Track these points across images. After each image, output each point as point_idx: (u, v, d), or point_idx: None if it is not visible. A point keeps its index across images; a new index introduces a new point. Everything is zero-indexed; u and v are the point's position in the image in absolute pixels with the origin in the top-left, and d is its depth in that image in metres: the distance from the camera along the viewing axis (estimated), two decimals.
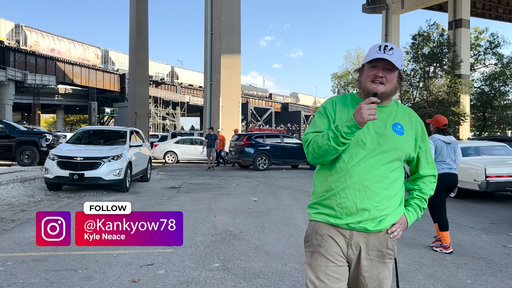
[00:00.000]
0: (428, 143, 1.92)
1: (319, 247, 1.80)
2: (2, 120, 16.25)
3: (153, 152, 17.31)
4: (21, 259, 4.25)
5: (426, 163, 1.91)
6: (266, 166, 15.97)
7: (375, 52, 1.76)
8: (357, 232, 1.77)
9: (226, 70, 22.51)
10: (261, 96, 64.05)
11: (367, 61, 1.78)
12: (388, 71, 1.76)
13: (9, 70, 35.37)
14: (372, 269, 1.79)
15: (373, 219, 1.75)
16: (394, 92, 1.83)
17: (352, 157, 1.75)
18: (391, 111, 1.84)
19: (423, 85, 23.74)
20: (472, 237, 5.42)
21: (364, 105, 1.63)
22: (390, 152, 1.77)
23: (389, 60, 1.73)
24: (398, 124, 1.81)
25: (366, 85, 1.78)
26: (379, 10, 31.48)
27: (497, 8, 34.14)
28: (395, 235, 1.82)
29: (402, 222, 1.84)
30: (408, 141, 1.82)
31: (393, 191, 1.78)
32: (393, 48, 1.76)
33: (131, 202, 7.43)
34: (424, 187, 1.91)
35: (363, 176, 1.73)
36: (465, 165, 8.62)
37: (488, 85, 33.02)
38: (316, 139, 1.76)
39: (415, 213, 1.89)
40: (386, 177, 1.76)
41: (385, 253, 1.80)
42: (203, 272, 3.92)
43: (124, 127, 11.70)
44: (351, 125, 1.65)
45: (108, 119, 50.46)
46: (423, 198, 1.91)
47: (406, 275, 3.90)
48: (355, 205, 1.74)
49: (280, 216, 6.70)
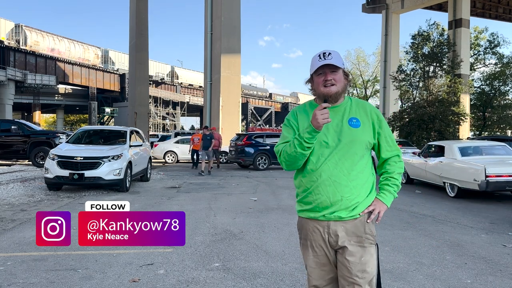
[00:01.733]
0: (386, 128, 2.09)
1: (305, 240, 2.08)
2: (15, 120, 16.20)
3: (153, 152, 17.31)
4: (21, 259, 4.25)
5: (387, 146, 2.09)
6: (266, 166, 15.97)
7: (317, 61, 1.98)
8: (334, 221, 1.99)
9: (226, 70, 22.51)
10: (261, 96, 64.04)
11: (313, 71, 2.00)
12: (333, 73, 1.98)
13: (9, 70, 35.35)
14: (355, 253, 1.97)
15: (346, 208, 1.96)
16: (346, 88, 2.04)
17: (319, 157, 1.98)
18: (345, 108, 2.04)
19: (423, 85, 23.72)
20: (472, 237, 5.42)
21: (317, 112, 1.85)
22: (350, 145, 1.97)
23: (331, 63, 1.95)
24: (353, 119, 2.01)
25: (320, 90, 1.99)
26: (379, 10, 31.49)
27: (497, 8, 34.14)
28: (373, 217, 2.01)
29: (376, 204, 2.02)
30: (365, 131, 2.01)
31: (361, 180, 1.98)
32: (331, 53, 1.98)
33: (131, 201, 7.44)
34: (389, 168, 2.10)
35: (331, 173, 1.96)
36: (465, 164, 8.63)
37: (488, 85, 33.03)
38: (285, 149, 2.01)
39: (388, 193, 2.07)
40: (352, 169, 1.96)
41: (364, 238, 2.00)
42: (203, 272, 3.92)
43: (124, 127, 11.70)
44: (310, 130, 1.88)
45: (108, 119, 50.44)
46: (391, 177, 2.09)
47: (406, 275, 3.90)
48: (328, 200, 1.96)
49: (280, 216, 6.70)
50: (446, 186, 9.16)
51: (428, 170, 9.95)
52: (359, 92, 49.38)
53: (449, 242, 5.11)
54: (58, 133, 15.46)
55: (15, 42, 40.08)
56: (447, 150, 9.55)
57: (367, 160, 2.03)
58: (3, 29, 39.90)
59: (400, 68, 24.73)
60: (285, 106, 64.83)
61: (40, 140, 14.33)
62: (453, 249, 4.81)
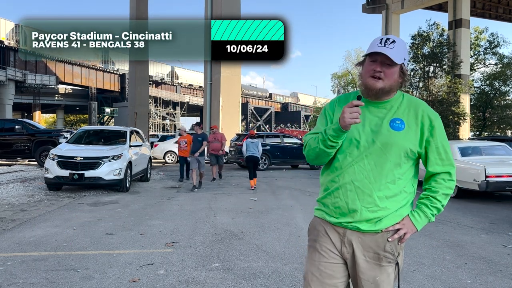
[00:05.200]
0: (440, 137, 1.75)
1: (314, 242, 1.82)
2: (19, 120, 16.25)
3: (153, 152, 17.30)
4: (21, 259, 4.25)
5: (437, 158, 1.75)
6: (266, 166, 15.97)
7: (375, 45, 1.69)
8: (351, 230, 1.74)
9: (226, 70, 22.51)
10: (261, 96, 64.03)
11: (367, 53, 1.72)
12: (387, 66, 1.68)
13: (9, 70, 35.35)
14: (368, 271, 1.73)
15: (367, 220, 1.70)
16: (396, 87, 1.74)
17: (346, 156, 1.72)
18: (393, 106, 1.75)
19: (423, 85, 23.72)
20: (472, 237, 5.42)
21: (346, 109, 1.61)
22: (385, 150, 1.69)
23: (387, 55, 1.65)
24: (397, 119, 1.72)
25: (366, 80, 1.72)
26: (379, 10, 31.46)
27: (497, 8, 34.12)
28: (396, 237, 1.71)
29: (405, 224, 1.72)
30: (409, 136, 1.71)
31: (390, 192, 1.70)
32: (395, 41, 1.68)
33: (131, 202, 7.41)
34: (435, 185, 1.76)
35: (355, 177, 1.70)
36: (465, 165, 8.62)
37: (488, 85, 33.01)
38: (310, 142, 1.77)
39: (423, 215, 1.75)
40: (381, 177, 1.69)
41: (382, 255, 1.72)
42: (203, 272, 3.92)
43: (124, 127, 11.70)
44: (336, 128, 1.64)
45: (108, 119, 50.44)
46: (433, 197, 1.75)
47: (406, 275, 3.90)
48: (346, 206, 1.71)
49: (280, 216, 6.70)
50: None
51: None
52: None
53: (449, 242, 5.11)
54: (62, 131, 15.50)
55: (15, 42, 40.06)
56: None
57: (405, 170, 1.73)
58: (3, 29, 39.90)
59: None
60: (285, 106, 64.83)
61: (44, 139, 14.39)
62: (453, 249, 4.81)
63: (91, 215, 6.65)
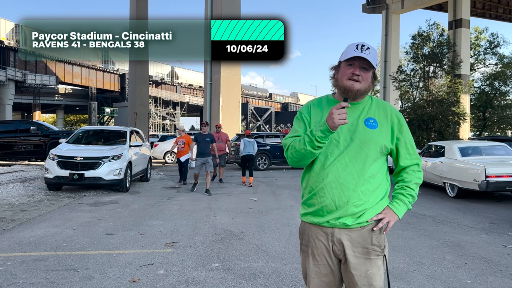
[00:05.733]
0: (408, 134, 1.93)
1: (307, 247, 1.93)
2: (34, 121, 16.56)
3: (153, 152, 17.30)
4: (21, 259, 4.25)
5: (406, 153, 1.92)
6: (266, 166, 15.98)
7: (352, 51, 1.80)
8: (338, 229, 1.84)
9: (226, 70, 22.50)
10: (261, 96, 64.02)
11: (345, 59, 1.83)
12: (364, 70, 1.82)
13: (9, 70, 35.35)
14: (360, 266, 1.82)
15: (352, 215, 1.81)
16: (368, 90, 1.88)
17: (328, 156, 1.83)
18: (364, 107, 1.89)
19: (423, 85, 23.69)
20: (472, 237, 5.42)
21: (335, 110, 1.69)
22: (363, 146, 1.82)
23: (366, 58, 1.78)
24: (370, 119, 1.86)
25: (343, 83, 1.84)
26: (379, 10, 31.46)
27: (497, 8, 34.11)
28: (380, 226, 1.84)
29: (387, 213, 1.85)
30: (382, 133, 1.86)
31: (371, 186, 1.82)
32: (370, 48, 1.81)
33: (131, 202, 7.40)
34: (407, 176, 1.93)
35: (339, 174, 1.81)
36: (465, 165, 8.63)
37: (488, 85, 33.02)
38: (293, 144, 1.86)
39: (402, 203, 1.89)
40: (362, 173, 1.81)
41: (370, 249, 1.83)
42: (203, 272, 3.92)
43: (124, 127, 11.69)
44: (324, 129, 1.73)
45: (108, 119, 50.43)
46: (407, 187, 1.91)
47: (406, 275, 3.90)
48: (334, 203, 1.81)
49: (280, 216, 6.70)
50: (446, 186, 9.16)
51: (428, 170, 9.94)
52: None
53: (449, 242, 5.11)
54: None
55: (15, 42, 40.07)
56: (447, 150, 9.55)
57: (381, 165, 1.87)
58: (3, 29, 39.89)
59: (400, 68, 24.71)
60: (285, 106, 64.81)
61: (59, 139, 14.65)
62: (453, 249, 4.81)
63: (91, 215, 6.65)
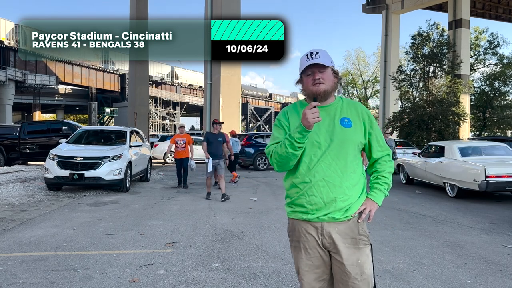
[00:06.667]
0: (377, 128, 2.08)
1: (298, 242, 2.03)
2: (65, 121, 16.60)
3: (153, 152, 17.31)
4: (21, 259, 4.25)
5: (378, 146, 2.07)
6: (266, 166, 15.98)
7: (305, 61, 1.98)
8: (327, 223, 1.95)
9: (226, 70, 22.50)
10: (261, 96, 64.02)
11: (302, 71, 2.00)
12: (322, 72, 1.97)
13: (9, 70, 35.35)
14: (351, 256, 1.94)
15: (340, 209, 1.93)
16: (335, 87, 2.04)
17: (312, 158, 1.95)
18: (337, 108, 2.03)
19: (423, 85, 23.70)
20: (472, 237, 5.42)
21: (307, 111, 1.82)
22: (343, 145, 1.95)
23: (318, 63, 1.95)
24: (345, 118, 2.00)
25: (310, 89, 1.99)
26: (379, 10, 31.45)
27: (497, 8, 34.11)
28: (364, 217, 1.97)
29: (367, 203, 1.99)
30: (357, 131, 2.00)
31: (353, 181, 1.97)
32: (318, 52, 1.98)
33: (131, 202, 7.40)
34: (380, 167, 2.08)
35: (324, 173, 1.93)
36: (465, 165, 8.63)
37: (488, 85, 33.03)
38: (276, 150, 1.97)
39: (379, 191, 2.05)
40: (345, 169, 1.95)
41: (358, 239, 1.97)
42: (203, 272, 3.92)
43: (124, 127, 11.70)
44: (301, 130, 1.85)
45: (108, 119, 50.42)
46: (382, 176, 2.07)
47: (406, 275, 3.90)
48: (322, 201, 1.93)
49: (280, 216, 6.70)
50: (446, 187, 9.16)
51: (428, 171, 9.95)
52: (359, 92, 49.36)
53: (449, 242, 5.11)
54: None
55: (15, 42, 40.06)
56: (447, 151, 9.55)
57: (358, 160, 2.02)
58: (3, 29, 39.88)
59: (400, 68, 24.71)
60: (285, 106, 64.78)
61: None
62: (453, 249, 4.81)
63: (91, 215, 6.65)
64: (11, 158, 14.96)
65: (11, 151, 14.82)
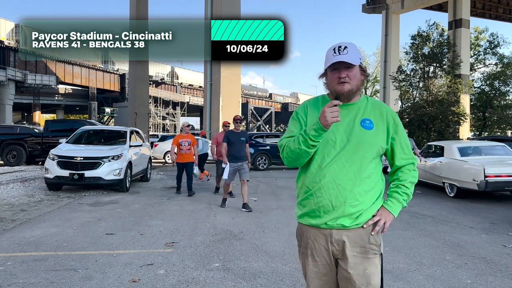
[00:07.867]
0: (403, 134, 1.93)
1: (306, 249, 1.93)
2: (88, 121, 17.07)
3: (153, 152, 17.30)
4: (21, 259, 4.25)
5: (402, 153, 1.93)
6: (266, 166, 15.98)
7: (331, 56, 1.83)
8: (336, 230, 1.84)
9: (226, 70, 22.51)
10: (261, 96, 64.01)
11: (327, 66, 1.86)
12: (349, 70, 1.83)
13: (9, 70, 35.35)
14: (358, 265, 1.82)
15: (349, 215, 1.81)
16: (361, 85, 1.90)
17: (325, 157, 1.83)
18: (360, 108, 1.89)
19: (423, 85, 23.70)
20: (472, 237, 5.42)
21: (327, 109, 1.71)
22: (359, 147, 1.82)
23: (345, 61, 1.80)
24: (366, 120, 1.87)
25: (334, 87, 1.86)
26: (379, 10, 31.46)
27: (497, 8, 34.11)
28: (377, 229, 1.84)
29: (382, 214, 1.86)
30: (378, 134, 1.86)
31: (367, 186, 1.83)
32: (347, 47, 1.83)
33: (131, 202, 7.40)
34: (402, 175, 1.94)
35: (336, 175, 1.81)
36: (464, 164, 8.63)
37: (488, 85, 33.03)
38: (288, 144, 1.87)
39: (396, 201, 1.91)
40: (359, 174, 1.81)
41: (368, 248, 1.84)
42: (203, 272, 3.92)
43: (124, 127, 11.69)
44: (317, 128, 1.74)
45: (108, 119, 50.43)
46: (402, 185, 1.93)
47: (406, 275, 3.90)
48: (330, 203, 1.81)
49: (280, 216, 6.70)
50: (446, 186, 9.16)
51: (427, 170, 9.95)
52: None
53: (449, 242, 5.11)
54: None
55: (15, 42, 40.06)
56: (446, 150, 9.56)
57: (376, 165, 1.88)
58: (3, 29, 39.89)
59: (400, 68, 24.71)
60: (285, 106, 64.77)
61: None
62: (453, 249, 4.81)
63: (91, 215, 6.66)
64: (33, 155, 15.72)
65: (34, 149, 15.64)
